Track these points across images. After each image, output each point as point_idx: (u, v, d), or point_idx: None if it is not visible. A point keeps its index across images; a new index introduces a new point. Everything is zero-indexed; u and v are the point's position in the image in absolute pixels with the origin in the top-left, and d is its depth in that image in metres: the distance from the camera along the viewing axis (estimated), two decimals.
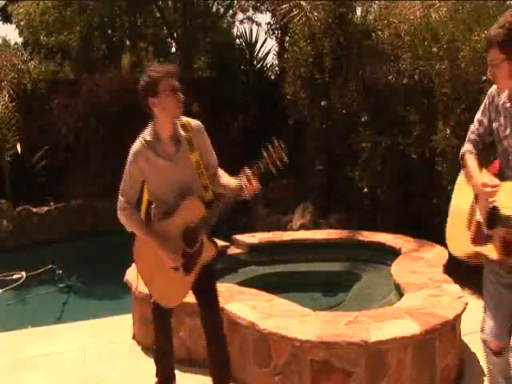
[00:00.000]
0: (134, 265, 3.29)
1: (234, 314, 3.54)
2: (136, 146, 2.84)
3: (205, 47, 12.62)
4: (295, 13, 7.56)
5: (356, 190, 6.54)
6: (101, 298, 6.45)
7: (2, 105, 8.88)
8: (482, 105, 2.63)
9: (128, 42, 13.80)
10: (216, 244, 3.01)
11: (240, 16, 14.34)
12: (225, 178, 2.92)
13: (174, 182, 2.83)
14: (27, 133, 9.37)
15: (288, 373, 3.24)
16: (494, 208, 2.39)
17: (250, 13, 13.38)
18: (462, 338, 3.83)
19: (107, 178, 9.42)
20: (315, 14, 7.26)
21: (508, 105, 2.47)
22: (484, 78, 5.23)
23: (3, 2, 14.72)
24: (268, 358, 3.33)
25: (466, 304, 3.58)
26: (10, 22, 14.16)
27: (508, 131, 2.46)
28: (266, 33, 11.38)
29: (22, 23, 12.34)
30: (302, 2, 7.43)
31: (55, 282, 6.72)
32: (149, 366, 3.90)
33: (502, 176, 2.48)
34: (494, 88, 2.57)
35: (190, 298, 3.80)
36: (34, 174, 9.41)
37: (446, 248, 4.40)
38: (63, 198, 9.12)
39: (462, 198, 2.62)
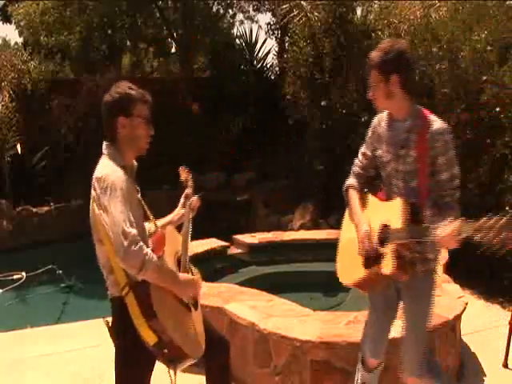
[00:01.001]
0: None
1: (234, 314, 3.54)
2: (115, 174, 2.29)
3: (205, 47, 12.62)
4: (295, 13, 7.57)
5: None
6: (101, 298, 6.41)
7: (2, 105, 8.89)
8: (366, 138, 2.69)
9: (128, 43, 13.81)
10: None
11: (240, 16, 14.37)
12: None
13: (141, 214, 2.46)
14: (27, 133, 9.38)
15: (288, 373, 3.24)
16: (385, 226, 2.44)
17: (251, 13, 13.38)
18: (462, 337, 3.83)
19: None
20: (315, 14, 7.27)
21: (385, 128, 2.54)
22: (484, 77, 5.24)
23: (3, 2, 14.72)
24: (268, 358, 3.33)
25: (466, 304, 3.58)
26: (10, 22, 14.16)
27: (389, 156, 2.52)
28: (266, 33, 11.40)
29: (22, 23, 12.34)
30: (302, 2, 7.44)
31: (55, 282, 6.72)
32: None
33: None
34: (376, 119, 2.63)
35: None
36: (34, 174, 9.42)
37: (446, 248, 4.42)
38: (63, 198, 9.12)
39: (349, 232, 2.64)
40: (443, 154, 2.40)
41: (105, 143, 2.44)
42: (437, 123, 2.43)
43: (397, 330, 2.65)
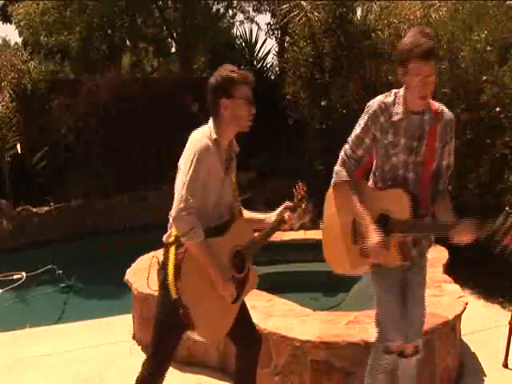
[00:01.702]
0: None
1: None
2: (203, 142, 2.41)
3: (205, 47, 12.63)
4: (295, 13, 7.56)
5: None
6: (101, 298, 6.45)
7: (2, 105, 8.88)
8: (361, 125, 2.61)
9: (128, 42, 13.81)
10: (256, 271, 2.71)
11: (240, 16, 14.36)
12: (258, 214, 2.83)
13: (223, 197, 2.54)
14: (27, 133, 9.38)
15: (288, 373, 3.24)
16: (384, 216, 2.46)
17: (251, 13, 13.38)
18: (462, 337, 3.83)
19: (107, 178, 9.45)
20: (315, 14, 7.28)
21: (398, 119, 2.48)
22: (484, 77, 5.24)
23: (3, 2, 14.72)
24: (268, 357, 3.33)
25: (466, 304, 3.58)
26: (10, 22, 14.16)
27: (400, 148, 2.49)
28: (266, 33, 11.40)
29: (22, 23, 12.33)
30: (302, 2, 7.44)
31: (55, 282, 6.72)
32: None
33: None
34: (375, 105, 2.56)
35: None
36: (34, 174, 9.40)
37: (446, 248, 4.43)
38: (63, 198, 9.11)
39: (337, 217, 2.65)
40: (450, 142, 2.48)
41: (210, 119, 2.55)
42: (447, 113, 2.48)
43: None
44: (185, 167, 2.37)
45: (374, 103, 2.56)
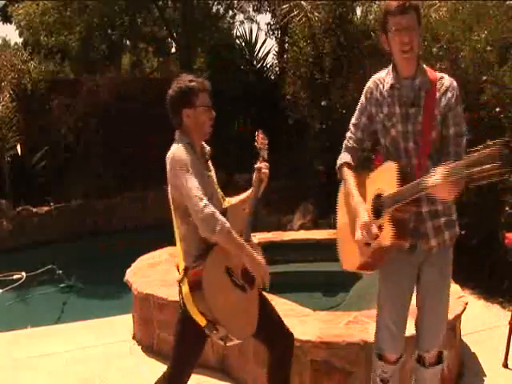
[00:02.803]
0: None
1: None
2: (178, 151, 2.47)
3: (205, 47, 12.63)
4: (295, 13, 7.57)
5: None
6: (101, 298, 6.45)
7: (3, 105, 8.89)
8: (358, 106, 2.54)
9: (128, 42, 13.81)
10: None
11: (240, 16, 14.37)
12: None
13: (213, 191, 2.62)
14: (27, 133, 9.38)
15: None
16: (378, 196, 2.33)
17: (251, 13, 13.38)
18: (462, 338, 3.83)
19: (107, 178, 9.45)
20: (315, 14, 7.28)
21: (389, 87, 2.39)
22: (484, 77, 5.24)
23: (3, 2, 14.72)
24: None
25: (466, 304, 3.58)
26: (10, 23, 14.16)
27: (396, 118, 2.38)
28: (266, 33, 11.41)
29: (22, 23, 12.34)
30: (302, 2, 7.44)
31: (55, 282, 6.72)
32: (149, 365, 3.92)
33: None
34: (370, 83, 2.50)
35: None
36: (34, 174, 9.41)
37: None
38: (63, 198, 9.12)
39: (345, 214, 2.51)
40: (453, 108, 2.34)
41: (176, 132, 2.61)
42: (447, 79, 2.36)
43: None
44: (178, 178, 2.42)
45: (369, 81, 2.51)
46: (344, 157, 2.56)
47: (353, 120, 2.58)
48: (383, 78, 2.46)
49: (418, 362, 2.55)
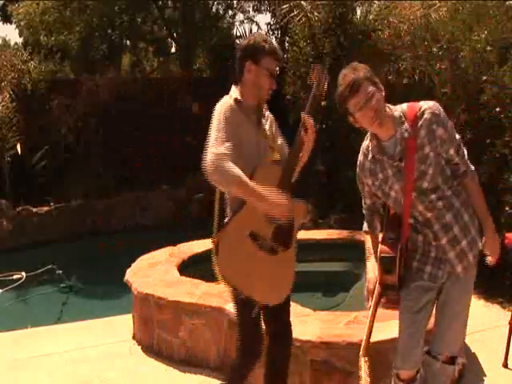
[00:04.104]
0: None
1: (235, 313, 3.53)
2: (224, 104, 2.50)
3: (205, 47, 12.63)
4: (295, 13, 7.56)
5: (356, 190, 6.53)
6: (101, 298, 6.45)
7: (3, 105, 8.88)
8: (357, 179, 2.58)
9: (128, 42, 13.81)
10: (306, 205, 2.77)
11: (240, 16, 14.36)
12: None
13: (260, 142, 2.63)
14: (27, 133, 9.38)
15: (288, 373, 3.24)
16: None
17: (251, 13, 13.38)
18: None
19: (107, 178, 9.45)
20: (315, 14, 7.27)
21: (378, 156, 2.38)
22: (484, 77, 5.24)
23: (3, 2, 14.72)
24: None
25: None
26: (10, 22, 14.16)
27: (390, 180, 2.37)
28: (266, 33, 11.39)
29: (22, 23, 12.35)
30: (302, 2, 7.43)
31: (55, 282, 6.72)
32: (149, 365, 3.92)
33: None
34: (360, 155, 2.50)
35: (185, 297, 3.83)
36: (34, 174, 9.41)
37: None
38: (63, 198, 9.11)
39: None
40: (444, 136, 2.30)
41: (232, 87, 2.60)
42: (426, 109, 2.28)
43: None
44: (211, 129, 2.43)
45: (360, 155, 2.51)
46: (364, 226, 2.69)
47: (363, 199, 2.66)
48: (368, 146, 2.45)
49: (428, 353, 2.53)
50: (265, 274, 2.54)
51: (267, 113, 2.74)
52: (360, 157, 2.51)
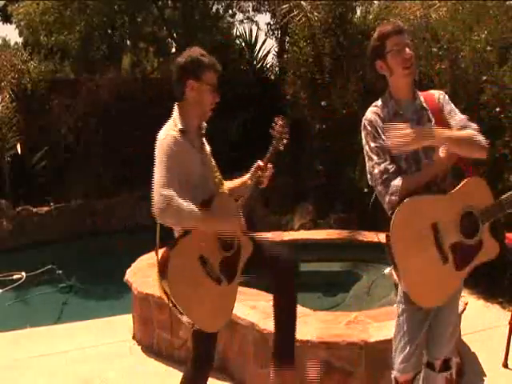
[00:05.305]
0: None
1: (234, 314, 3.53)
2: (168, 139, 2.45)
3: (204, 47, 12.60)
4: (295, 13, 7.56)
5: (356, 189, 6.54)
6: (101, 298, 6.45)
7: (2, 105, 8.89)
8: (366, 138, 2.42)
9: (128, 42, 13.80)
10: (253, 239, 2.69)
11: (240, 16, 14.35)
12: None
13: (208, 175, 2.61)
14: (27, 133, 9.38)
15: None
16: (469, 213, 2.35)
17: (250, 13, 13.36)
18: (462, 337, 3.83)
19: (107, 178, 9.45)
20: (315, 14, 7.27)
21: (400, 112, 2.39)
22: (484, 77, 5.24)
23: (3, 2, 14.72)
24: (268, 357, 3.32)
25: (466, 304, 3.58)
26: (10, 22, 14.16)
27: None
28: (266, 33, 11.39)
29: (22, 23, 12.32)
30: (302, 2, 7.43)
31: (55, 282, 6.72)
32: (149, 365, 3.92)
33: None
34: (369, 114, 2.42)
35: None
36: (34, 174, 9.41)
37: None
38: (63, 198, 9.11)
39: (413, 252, 2.29)
40: (446, 107, 2.56)
41: (175, 106, 2.54)
42: (436, 92, 2.59)
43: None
44: (156, 166, 2.38)
45: (367, 116, 2.43)
46: (395, 183, 2.33)
47: (374, 158, 2.40)
48: (380, 108, 2.42)
49: (428, 366, 2.54)
50: (206, 301, 2.48)
51: (204, 128, 2.67)
52: (369, 116, 2.42)
